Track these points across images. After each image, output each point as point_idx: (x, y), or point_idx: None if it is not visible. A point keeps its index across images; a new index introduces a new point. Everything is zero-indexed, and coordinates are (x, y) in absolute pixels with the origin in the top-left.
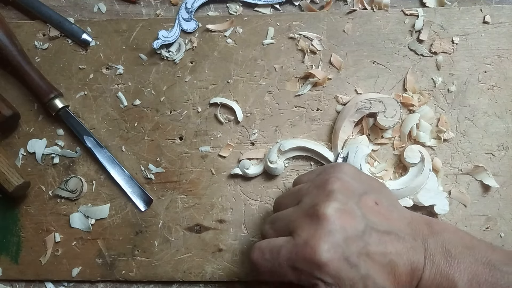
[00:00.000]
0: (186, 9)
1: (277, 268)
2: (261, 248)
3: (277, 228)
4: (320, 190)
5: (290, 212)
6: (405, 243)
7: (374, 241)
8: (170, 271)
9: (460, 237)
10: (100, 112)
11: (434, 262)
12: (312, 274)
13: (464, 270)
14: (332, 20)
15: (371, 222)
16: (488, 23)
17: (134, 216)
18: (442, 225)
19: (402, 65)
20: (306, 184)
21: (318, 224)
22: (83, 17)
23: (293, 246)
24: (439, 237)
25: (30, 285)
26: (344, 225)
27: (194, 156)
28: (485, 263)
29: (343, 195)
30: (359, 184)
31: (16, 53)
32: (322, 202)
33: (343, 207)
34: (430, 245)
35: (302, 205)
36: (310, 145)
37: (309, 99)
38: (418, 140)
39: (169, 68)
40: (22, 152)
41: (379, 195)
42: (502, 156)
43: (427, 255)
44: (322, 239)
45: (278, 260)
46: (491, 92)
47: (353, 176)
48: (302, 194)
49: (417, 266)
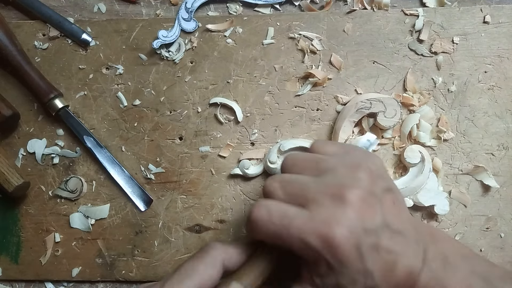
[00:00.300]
0: (186, 9)
1: (283, 235)
2: (269, 208)
3: (290, 192)
4: (348, 173)
5: (310, 182)
6: (409, 246)
7: (385, 238)
8: (170, 271)
9: (460, 248)
10: (100, 112)
11: (432, 269)
12: (320, 252)
13: (461, 280)
14: (332, 20)
15: (387, 219)
16: (488, 23)
17: (134, 216)
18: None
19: (402, 65)
20: (332, 158)
21: (340, 207)
22: (83, 17)
23: (309, 219)
24: (439, 245)
25: (30, 285)
26: (364, 216)
27: (194, 156)
28: (481, 276)
29: (370, 185)
30: (384, 181)
31: (16, 53)
32: (349, 186)
33: (368, 197)
34: (430, 252)
35: (325, 180)
36: (310, 145)
37: (309, 99)
38: (418, 140)
39: (169, 68)
40: (22, 152)
41: (396, 196)
42: (502, 156)
43: (426, 261)
44: (342, 223)
45: (289, 229)
46: (491, 92)
47: (381, 170)
48: (327, 167)
49: (414, 270)
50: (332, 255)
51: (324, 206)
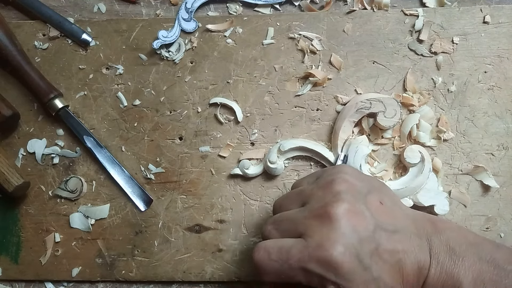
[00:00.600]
0: (186, 9)
1: (285, 269)
2: (267, 248)
3: (283, 229)
4: (326, 191)
5: (297, 214)
6: (411, 242)
7: (384, 241)
8: (170, 271)
9: (464, 235)
10: (100, 112)
11: (439, 261)
12: (325, 276)
13: (469, 268)
14: (332, 20)
15: (379, 222)
16: (488, 23)
17: (134, 216)
18: (446, 223)
19: (402, 65)
20: (309, 186)
21: (330, 225)
22: (83, 17)
23: (304, 247)
24: (443, 235)
25: (30, 285)
26: (356, 226)
27: (194, 156)
28: (490, 261)
29: (350, 195)
30: (362, 184)
31: (16, 53)
32: (331, 203)
33: (352, 207)
34: (434, 244)
35: (309, 206)
36: (310, 145)
37: (309, 99)
38: (418, 140)
39: (169, 68)
40: (22, 152)
41: (381, 194)
42: (502, 156)
43: (433, 254)
44: (337, 241)
45: (288, 261)
46: (491, 92)
47: (356, 176)
48: (307, 195)
49: (423, 265)
50: (336, 275)
51: (315, 230)
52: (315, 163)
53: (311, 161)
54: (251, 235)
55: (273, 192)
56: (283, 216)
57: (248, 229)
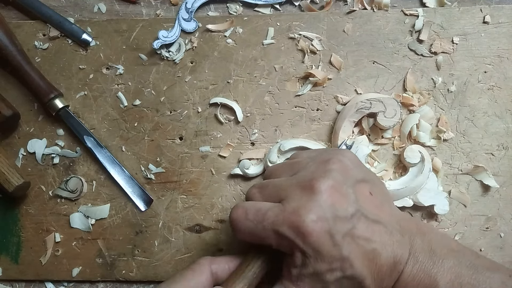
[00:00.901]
0: (186, 9)
1: (259, 230)
2: (245, 208)
3: (266, 193)
4: (319, 167)
5: (283, 181)
6: (391, 236)
7: (362, 227)
8: (170, 271)
9: (447, 241)
10: (100, 112)
11: (418, 260)
12: (293, 241)
13: (448, 270)
14: (332, 20)
15: (362, 208)
16: (488, 23)
17: (134, 216)
18: (431, 228)
19: (402, 65)
20: (305, 160)
21: (310, 196)
22: (83, 17)
23: (280, 211)
24: (427, 237)
25: (30, 285)
26: (335, 204)
27: (194, 156)
28: (469, 266)
29: (340, 175)
30: (358, 172)
31: (16, 53)
32: (318, 177)
33: (338, 186)
34: (416, 243)
35: (297, 176)
36: (310, 145)
37: (309, 99)
38: (418, 140)
39: (169, 68)
40: (22, 152)
41: (374, 187)
42: (502, 156)
43: (412, 252)
44: (311, 210)
45: (263, 223)
46: (491, 92)
47: (354, 162)
48: (300, 167)
49: (399, 260)
50: (305, 242)
51: (295, 198)
52: None
53: None
54: None
55: None
56: (270, 182)
57: None
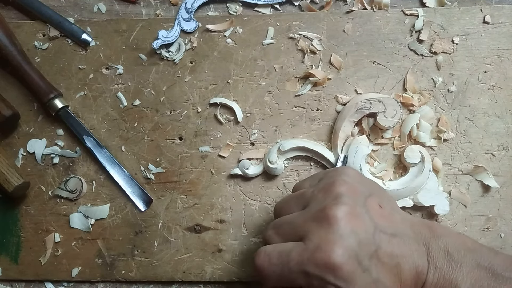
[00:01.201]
0: (186, 9)
1: (286, 273)
2: (267, 252)
3: (283, 233)
4: (327, 194)
5: (297, 217)
6: (410, 246)
7: (384, 244)
8: (170, 271)
9: (462, 241)
10: (100, 112)
11: (437, 266)
12: (324, 278)
13: (467, 274)
14: (332, 20)
15: (378, 225)
16: (488, 23)
17: (134, 216)
18: (444, 229)
19: (402, 65)
20: (310, 189)
21: (329, 228)
22: (83, 17)
23: (304, 250)
24: (441, 241)
25: (30, 285)
26: (355, 229)
27: (194, 156)
28: (488, 268)
29: (350, 198)
30: (363, 187)
31: (16, 53)
32: (330, 206)
33: (352, 210)
34: (432, 249)
35: (309, 209)
36: (310, 145)
37: (309, 99)
38: (418, 140)
39: (169, 68)
40: (22, 152)
41: (381, 198)
42: (502, 156)
43: (430, 259)
44: (335, 243)
45: (288, 265)
46: (491, 92)
47: (356, 179)
48: (307, 198)
49: (421, 270)
50: (335, 277)
51: (315, 234)
52: (315, 163)
53: (311, 161)
54: (251, 235)
55: (273, 192)
56: (283, 220)
57: (248, 229)
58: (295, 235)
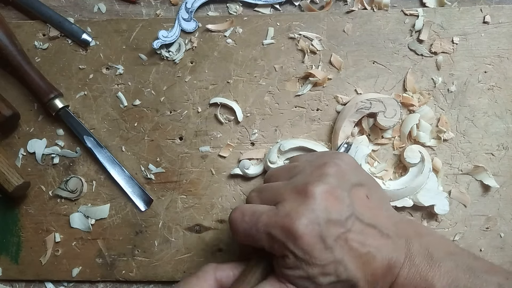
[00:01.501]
0: (186, 9)
1: (253, 232)
2: (243, 210)
3: (263, 197)
4: (315, 171)
5: (280, 185)
6: (387, 240)
7: (356, 230)
8: (170, 271)
9: (445, 244)
10: (100, 112)
11: (415, 263)
12: (285, 244)
13: (444, 274)
14: (332, 20)
15: (357, 212)
16: (488, 23)
17: (134, 216)
18: (429, 230)
19: (402, 65)
20: (303, 163)
21: (304, 201)
22: (83, 17)
23: (274, 214)
24: (424, 240)
25: (30, 285)
26: (328, 208)
27: (194, 156)
28: (466, 269)
29: (336, 180)
30: (355, 175)
31: (16, 53)
32: (313, 181)
33: (332, 190)
34: (413, 246)
35: (293, 181)
36: (310, 145)
37: (309, 99)
38: (418, 140)
39: (169, 68)
40: (22, 152)
41: (372, 190)
42: (502, 156)
43: (408, 255)
44: (304, 214)
45: (257, 225)
46: (491, 92)
47: (351, 166)
48: (297, 171)
49: (394, 263)
50: (295, 245)
51: (289, 202)
52: None
53: None
54: None
55: None
56: (268, 186)
57: None
58: (272, 200)
